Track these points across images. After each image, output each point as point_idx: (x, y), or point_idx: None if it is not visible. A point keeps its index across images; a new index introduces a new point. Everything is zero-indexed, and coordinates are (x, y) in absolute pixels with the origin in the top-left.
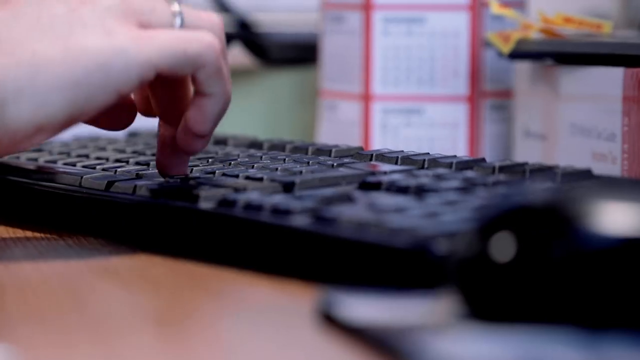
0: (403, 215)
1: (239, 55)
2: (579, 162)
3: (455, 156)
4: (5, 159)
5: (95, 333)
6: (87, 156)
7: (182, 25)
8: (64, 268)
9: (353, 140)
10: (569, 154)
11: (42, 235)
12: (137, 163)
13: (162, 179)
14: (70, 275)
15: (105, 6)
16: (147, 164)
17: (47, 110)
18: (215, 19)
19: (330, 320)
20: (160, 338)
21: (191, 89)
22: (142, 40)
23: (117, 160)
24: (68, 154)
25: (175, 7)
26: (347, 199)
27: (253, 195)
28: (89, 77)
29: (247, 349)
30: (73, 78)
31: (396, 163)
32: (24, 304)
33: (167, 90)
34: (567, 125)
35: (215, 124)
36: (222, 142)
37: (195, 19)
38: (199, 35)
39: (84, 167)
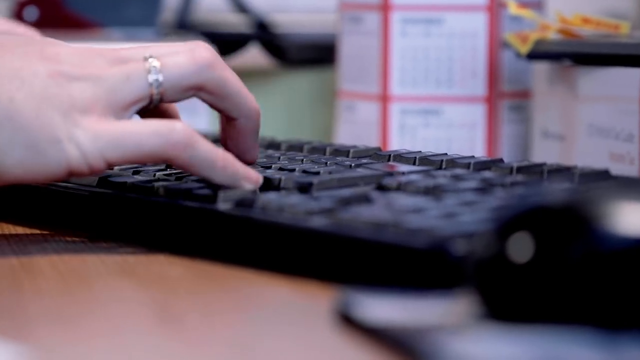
0: (421, 216)
1: (257, 56)
2: (597, 162)
3: (473, 157)
4: None
5: (113, 333)
6: None
7: (160, 81)
8: (82, 268)
9: (371, 140)
10: (587, 155)
11: (60, 235)
12: (154, 163)
13: (179, 180)
14: (88, 275)
15: (78, 88)
16: (166, 165)
17: (3, 157)
18: (199, 58)
19: (349, 321)
20: (178, 338)
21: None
22: (96, 133)
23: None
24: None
25: (149, 63)
26: (365, 199)
27: (271, 195)
28: (46, 147)
29: (266, 349)
30: (33, 141)
31: (414, 164)
32: (41, 303)
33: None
34: (585, 126)
35: (211, 167)
36: None
37: (174, 67)
38: (162, 129)
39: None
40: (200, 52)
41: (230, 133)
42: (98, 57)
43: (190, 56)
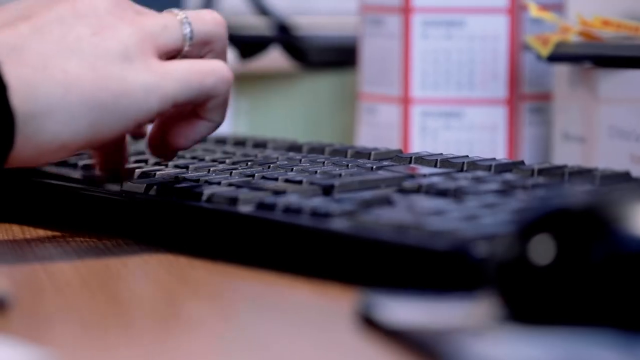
0: (442, 218)
1: (278, 58)
2: (618, 164)
3: (494, 159)
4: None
5: (134, 335)
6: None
7: (192, 33)
8: (103, 270)
9: (392, 143)
10: (608, 157)
11: (81, 237)
12: (176, 166)
13: (201, 182)
14: (109, 278)
15: (125, 34)
16: (187, 167)
17: (73, 128)
18: (218, 17)
19: (370, 323)
20: (199, 340)
21: None
22: (162, 74)
23: (156, 163)
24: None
25: (181, 15)
26: (387, 201)
27: (292, 198)
28: (115, 102)
29: (287, 352)
30: (100, 101)
31: (435, 166)
32: (63, 306)
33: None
34: (606, 128)
35: (195, 143)
36: (261, 145)
37: (201, 23)
38: (214, 67)
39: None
40: (216, 13)
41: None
42: (129, 7)
43: (213, 15)
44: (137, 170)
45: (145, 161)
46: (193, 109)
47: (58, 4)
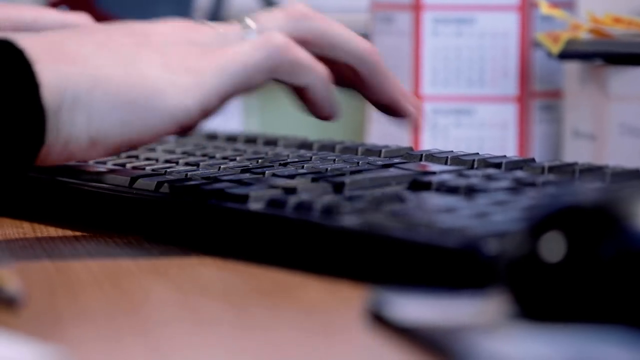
0: (453, 216)
1: None
2: (628, 162)
3: (504, 156)
4: None
5: (146, 334)
6: (136, 157)
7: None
8: (114, 268)
9: (403, 140)
10: (618, 154)
11: (92, 235)
12: (187, 164)
13: (212, 180)
14: (120, 276)
15: (172, 42)
16: (197, 165)
17: (101, 124)
18: (294, 9)
19: (381, 321)
20: (210, 338)
21: None
22: (198, 71)
23: (167, 161)
24: (118, 155)
25: (243, 22)
26: (397, 199)
27: (303, 195)
28: (146, 101)
29: (298, 349)
30: (128, 98)
31: (446, 163)
32: (74, 304)
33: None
34: (617, 125)
35: (328, 102)
36: (272, 142)
37: (266, 23)
38: (260, 41)
39: (133, 168)
40: (295, 6)
41: (359, 82)
42: (197, 27)
43: (285, 12)
44: (147, 168)
45: (157, 159)
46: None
47: (116, 26)
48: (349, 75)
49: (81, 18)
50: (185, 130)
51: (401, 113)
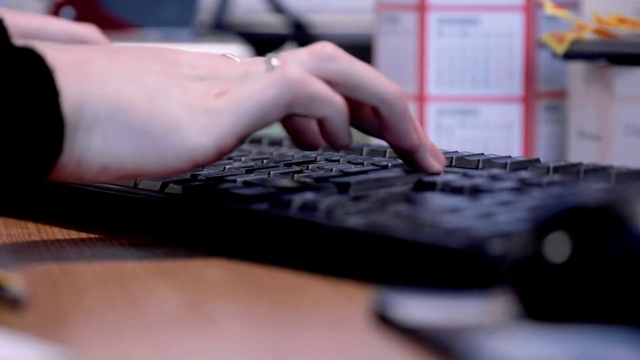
0: (458, 216)
1: None
2: (634, 162)
3: (509, 157)
4: None
5: (151, 334)
6: None
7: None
8: (118, 269)
9: None
10: (623, 154)
11: (97, 236)
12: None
13: (217, 180)
14: (125, 276)
15: (196, 76)
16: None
17: (116, 152)
18: (320, 49)
19: (385, 321)
20: (215, 338)
21: None
22: (218, 111)
23: None
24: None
25: (269, 59)
26: (402, 199)
27: (308, 196)
28: (163, 135)
29: (302, 349)
30: (147, 130)
31: (451, 164)
32: (78, 305)
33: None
34: (622, 126)
35: (345, 132)
36: (277, 143)
37: (292, 62)
38: (274, 77)
39: None
40: (322, 46)
41: (381, 124)
42: (217, 58)
43: (311, 50)
44: None
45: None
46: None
47: (147, 49)
48: (371, 117)
49: (88, 30)
50: (199, 167)
51: (417, 163)
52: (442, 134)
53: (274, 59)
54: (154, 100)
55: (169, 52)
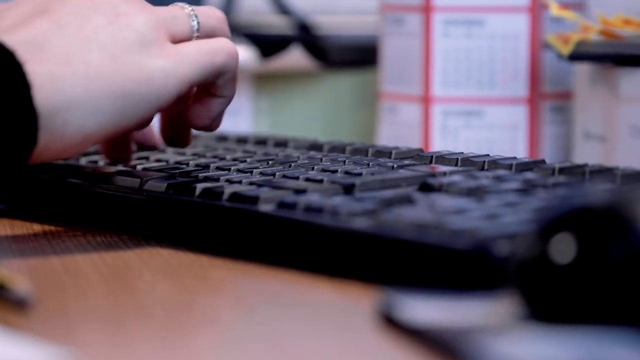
0: (463, 217)
1: (299, 57)
2: (639, 163)
3: (515, 158)
4: (65, 161)
5: (156, 335)
6: (147, 158)
7: (199, 25)
8: (124, 269)
9: (413, 142)
10: (629, 156)
11: (102, 237)
12: (197, 165)
13: (222, 182)
14: (130, 277)
15: (140, 20)
16: (207, 166)
17: (98, 120)
18: (219, 14)
19: (391, 322)
20: (220, 339)
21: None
22: (178, 57)
23: (177, 163)
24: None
25: (188, 9)
26: (408, 200)
27: (313, 197)
28: (137, 89)
29: (308, 351)
30: (123, 89)
31: (456, 165)
32: (84, 305)
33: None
34: (627, 127)
35: (214, 121)
36: (282, 144)
37: (206, 16)
38: (222, 45)
39: (143, 169)
40: (216, 11)
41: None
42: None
43: (216, 12)
44: (157, 169)
45: (167, 160)
46: (204, 88)
47: (96, 13)
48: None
49: None
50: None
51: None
52: (447, 135)
53: (189, 8)
54: (117, 58)
55: None
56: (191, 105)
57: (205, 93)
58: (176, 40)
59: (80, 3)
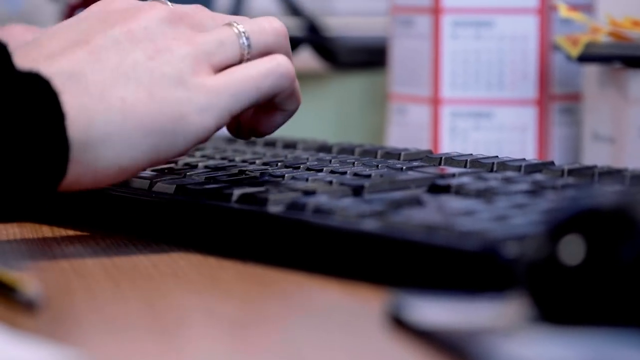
0: (472, 219)
1: (308, 59)
2: None
3: (524, 159)
4: None
5: (166, 338)
6: None
7: (250, 45)
8: (133, 271)
9: (422, 143)
10: (638, 157)
11: (111, 238)
12: (206, 167)
13: (231, 183)
14: (139, 279)
15: (180, 55)
16: (216, 168)
17: (132, 154)
18: (278, 26)
19: (400, 324)
20: (230, 342)
21: None
22: (217, 91)
23: (186, 165)
24: None
25: (237, 28)
26: (416, 202)
27: (322, 198)
28: (172, 126)
29: (317, 352)
30: (158, 126)
31: (465, 166)
32: (92, 307)
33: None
34: (636, 128)
35: (280, 125)
36: (291, 145)
37: (259, 33)
38: (271, 67)
39: (153, 171)
40: (277, 21)
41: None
42: (182, 25)
43: (271, 24)
44: (166, 171)
45: (175, 162)
46: (271, 104)
47: (113, 27)
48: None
49: None
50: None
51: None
52: (456, 137)
53: (240, 26)
54: (154, 95)
55: (130, 21)
56: (256, 113)
57: (269, 105)
58: (223, 67)
59: (121, 35)
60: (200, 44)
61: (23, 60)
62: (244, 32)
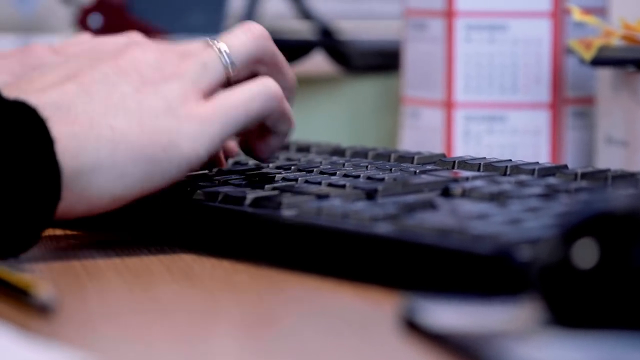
0: (485, 222)
1: (321, 62)
2: None
3: (537, 163)
4: None
5: (178, 340)
6: None
7: (233, 62)
8: (146, 275)
9: (435, 147)
10: None
11: (124, 242)
12: (219, 171)
13: (243, 187)
14: (153, 283)
15: (167, 88)
16: (230, 172)
17: (124, 183)
18: (256, 31)
19: (413, 327)
20: (243, 344)
21: None
22: (206, 119)
23: None
24: None
25: (216, 45)
26: (430, 205)
27: (335, 202)
28: (163, 154)
29: (330, 355)
30: (149, 154)
31: (478, 170)
32: (106, 310)
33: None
34: None
35: (277, 148)
36: (304, 149)
37: (239, 46)
38: (257, 90)
39: None
40: (255, 27)
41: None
42: (168, 54)
43: (249, 33)
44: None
45: None
46: (263, 127)
47: (102, 63)
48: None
49: None
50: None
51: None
52: (469, 140)
53: (220, 44)
54: (143, 124)
55: (120, 58)
56: (250, 139)
57: (262, 129)
58: (212, 91)
59: (110, 70)
60: (185, 72)
61: (13, 94)
62: (225, 51)
